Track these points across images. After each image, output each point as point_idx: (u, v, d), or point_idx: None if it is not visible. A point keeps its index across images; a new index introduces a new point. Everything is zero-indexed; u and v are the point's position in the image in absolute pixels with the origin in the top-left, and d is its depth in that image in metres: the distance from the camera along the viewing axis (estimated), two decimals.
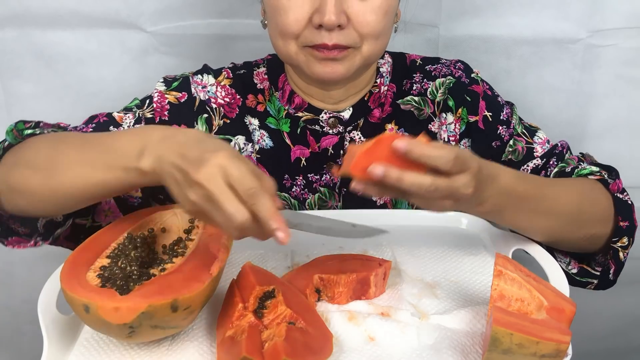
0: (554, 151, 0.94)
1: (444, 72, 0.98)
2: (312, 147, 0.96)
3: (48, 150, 0.76)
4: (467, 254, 0.85)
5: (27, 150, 0.79)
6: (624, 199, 0.86)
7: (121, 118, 0.90)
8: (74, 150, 0.73)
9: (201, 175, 0.60)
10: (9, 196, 0.78)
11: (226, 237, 0.71)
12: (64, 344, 0.67)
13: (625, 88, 1.21)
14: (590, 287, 0.90)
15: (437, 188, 0.64)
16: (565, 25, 1.16)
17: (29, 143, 0.80)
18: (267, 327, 0.63)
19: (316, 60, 0.84)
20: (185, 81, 0.95)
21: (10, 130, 0.82)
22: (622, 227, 0.85)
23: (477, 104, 0.96)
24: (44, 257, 1.28)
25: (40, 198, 0.75)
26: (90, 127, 0.89)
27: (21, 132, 0.82)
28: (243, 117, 0.96)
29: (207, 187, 0.59)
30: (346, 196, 0.98)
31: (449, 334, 0.67)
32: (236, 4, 1.17)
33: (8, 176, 0.77)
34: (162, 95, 0.93)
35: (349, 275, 0.72)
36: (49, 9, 1.13)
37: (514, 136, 0.96)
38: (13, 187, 0.77)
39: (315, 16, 0.81)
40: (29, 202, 0.77)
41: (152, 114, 0.92)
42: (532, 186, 0.79)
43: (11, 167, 0.78)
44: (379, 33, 0.84)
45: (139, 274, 0.65)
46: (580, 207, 0.83)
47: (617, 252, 0.86)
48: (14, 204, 0.78)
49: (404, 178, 0.62)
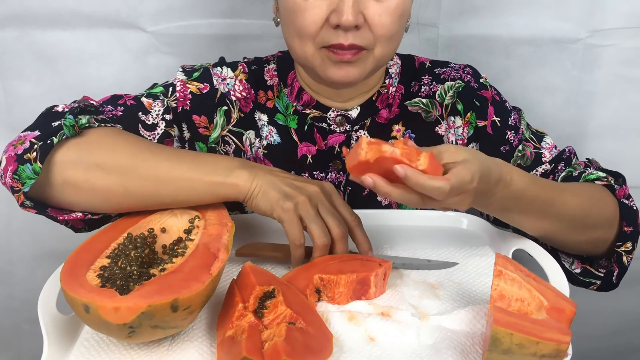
0: (562, 156, 0.94)
1: (453, 76, 0.98)
2: (318, 145, 0.96)
3: (130, 153, 0.78)
4: (468, 254, 0.85)
5: (98, 148, 0.78)
6: (630, 204, 0.87)
7: (150, 104, 0.90)
8: (164, 159, 0.78)
9: (311, 188, 0.78)
10: (60, 189, 0.77)
11: (227, 238, 0.71)
12: (64, 344, 0.67)
13: (625, 88, 1.21)
14: (592, 287, 0.91)
15: (427, 204, 0.67)
16: (565, 25, 1.16)
17: (97, 138, 0.79)
18: (267, 327, 0.63)
19: (331, 62, 0.84)
20: (206, 72, 0.95)
21: (71, 125, 0.78)
22: (626, 232, 0.86)
23: (485, 109, 0.96)
24: (44, 257, 1.28)
25: (105, 198, 0.77)
26: (120, 110, 0.88)
27: (77, 122, 0.79)
28: (254, 112, 0.97)
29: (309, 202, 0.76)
30: (351, 195, 0.98)
31: (449, 334, 0.67)
32: (237, 4, 1.17)
33: (67, 172, 0.76)
34: (184, 84, 0.93)
35: (349, 276, 0.72)
36: (49, 9, 1.13)
37: (522, 141, 0.96)
38: (71, 183, 0.76)
39: (332, 16, 0.80)
40: (86, 199, 0.77)
41: (175, 102, 0.92)
42: (542, 191, 0.79)
43: (73, 163, 0.76)
44: (392, 35, 0.84)
45: (139, 274, 0.65)
46: (587, 211, 0.84)
47: (620, 256, 0.86)
48: (62, 197, 0.78)
49: (391, 194, 0.65)
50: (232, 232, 0.74)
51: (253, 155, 0.97)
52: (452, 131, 0.97)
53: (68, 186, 0.77)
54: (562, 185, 0.89)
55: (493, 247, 0.87)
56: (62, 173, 0.76)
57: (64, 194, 0.77)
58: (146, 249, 0.71)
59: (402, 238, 0.89)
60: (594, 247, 0.88)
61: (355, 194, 0.97)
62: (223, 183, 0.76)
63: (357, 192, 0.97)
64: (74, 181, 0.76)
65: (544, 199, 0.78)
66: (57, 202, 0.79)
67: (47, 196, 0.78)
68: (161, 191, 0.76)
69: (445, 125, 0.98)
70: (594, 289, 0.91)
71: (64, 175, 0.76)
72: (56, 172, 0.76)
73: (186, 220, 0.76)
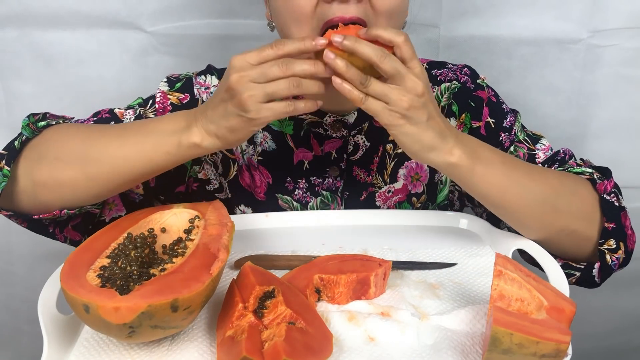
0: (556, 157, 0.92)
1: (450, 77, 0.97)
2: (315, 151, 0.95)
3: (80, 140, 0.78)
4: (467, 254, 0.85)
5: (54, 143, 0.80)
6: (611, 200, 0.84)
7: (122, 114, 0.91)
8: (114, 138, 0.77)
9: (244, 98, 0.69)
10: (32, 193, 0.79)
11: (227, 238, 0.71)
12: (64, 344, 0.67)
13: (627, 88, 1.21)
14: (572, 279, 0.86)
15: (391, 58, 0.69)
16: (566, 25, 1.16)
17: (52, 134, 0.81)
18: (267, 327, 0.63)
19: None
20: (188, 82, 0.95)
21: (26, 124, 0.82)
22: (607, 228, 0.82)
23: (480, 109, 0.96)
24: (44, 257, 1.28)
25: (73, 189, 0.78)
26: (92, 120, 0.89)
27: (35, 124, 0.82)
28: None
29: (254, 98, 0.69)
30: (349, 199, 0.97)
31: (449, 334, 0.67)
32: (236, 4, 1.17)
33: (34, 173, 0.78)
34: (164, 95, 0.93)
35: (349, 276, 0.72)
36: (49, 9, 1.13)
37: (514, 142, 0.94)
38: (40, 183, 0.78)
39: None
40: (58, 195, 0.79)
41: (154, 114, 0.92)
42: (501, 155, 0.79)
43: (37, 163, 0.79)
44: (393, 10, 0.80)
45: (139, 274, 0.65)
46: (558, 191, 0.81)
47: (603, 253, 0.83)
48: (36, 200, 0.79)
49: (359, 45, 0.68)
50: (232, 232, 0.74)
51: (245, 163, 0.96)
52: None
53: (38, 187, 0.79)
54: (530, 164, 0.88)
55: (493, 247, 0.87)
56: (30, 175, 0.79)
57: (37, 196, 0.80)
58: (146, 249, 0.71)
59: (402, 238, 0.89)
60: (576, 245, 0.84)
61: (353, 199, 0.97)
62: (179, 148, 0.75)
63: (354, 196, 0.97)
64: (41, 180, 0.78)
65: (503, 160, 0.78)
66: (33, 207, 0.81)
67: (24, 204, 0.81)
68: (120, 170, 0.77)
69: None
70: (573, 281, 0.86)
71: (32, 177, 0.79)
72: (25, 176, 0.79)
73: (186, 220, 0.76)
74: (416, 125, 0.71)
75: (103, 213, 0.90)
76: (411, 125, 0.71)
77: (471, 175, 0.76)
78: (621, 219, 0.84)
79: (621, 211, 0.84)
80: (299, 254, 0.84)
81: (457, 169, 0.75)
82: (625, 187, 0.90)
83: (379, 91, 0.70)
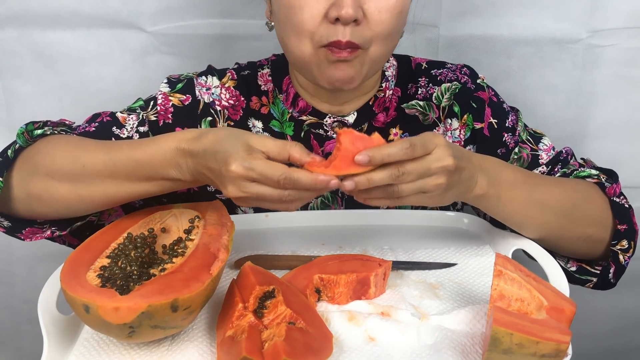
0: (559, 158, 0.94)
1: (450, 77, 0.97)
2: (315, 151, 0.95)
3: (69, 159, 0.77)
4: (468, 254, 0.85)
5: (44, 157, 0.79)
6: (621, 202, 0.87)
7: (124, 119, 0.90)
8: (100, 163, 0.76)
9: (229, 191, 0.66)
10: (26, 202, 0.80)
11: (227, 238, 0.71)
12: (64, 344, 0.67)
13: (626, 88, 1.21)
14: (589, 285, 0.90)
15: (406, 171, 0.67)
16: (565, 25, 1.16)
17: (43, 147, 0.81)
18: (267, 327, 0.63)
19: (329, 62, 0.81)
20: (189, 83, 0.94)
21: (21, 132, 0.82)
22: (620, 230, 0.86)
23: (482, 110, 0.96)
24: (44, 257, 1.28)
25: (66, 205, 0.78)
26: (93, 126, 0.89)
27: (30, 133, 0.82)
28: (247, 119, 0.95)
29: (243, 197, 0.66)
30: (349, 200, 0.97)
31: (449, 334, 0.67)
32: (237, 4, 1.17)
33: (28, 185, 0.79)
34: (166, 97, 0.92)
35: (349, 276, 0.72)
36: (49, 9, 1.13)
37: (519, 143, 0.95)
38: (34, 195, 0.78)
39: (332, 9, 0.78)
40: (52, 208, 0.79)
41: (155, 116, 0.91)
42: (521, 174, 0.80)
43: (30, 176, 0.79)
44: (389, 33, 0.82)
45: (139, 274, 0.65)
46: (574, 202, 0.83)
47: (616, 254, 0.86)
48: (31, 210, 0.80)
49: (373, 178, 0.66)
50: (232, 232, 0.74)
51: None
52: (449, 133, 0.97)
53: (32, 199, 0.79)
54: (547, 176, 0.89)
55: (493, 247, 0.87)
56: (24, 187, 0.79)
57: (32, 206, 0.80)
58: (146, 249, 0.71)
59: (402, 238, 0.89)
60: (589, 248, 0.87)
61: (353, 199, 0.97)
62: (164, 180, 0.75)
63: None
64: (35, 193, 0.79)
65: (525, 181, 0.79)
66: (28, 214, 0.82)
67: (20, 211, 0.82)
68: (111, 194, 0.76)
69: (442, 128, 0.97)
70: (591, 286, 0.90)
71: (26, 189, 0.79)
72: (19, 187, 0.80)
73: (186, 220, 0.76)
74: (451, 190, 0.72)
75: (102, 218, 0.89)
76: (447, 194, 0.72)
77: (497, 203, 0.79)
78: (632, 218, 0.87)
79: (630, 210, 0.87)
80: (299, 254, 0.84)
81: (484, 200, 0.78)
82: (624, 187, 0.91)
83: (413, 189, 0.69)
